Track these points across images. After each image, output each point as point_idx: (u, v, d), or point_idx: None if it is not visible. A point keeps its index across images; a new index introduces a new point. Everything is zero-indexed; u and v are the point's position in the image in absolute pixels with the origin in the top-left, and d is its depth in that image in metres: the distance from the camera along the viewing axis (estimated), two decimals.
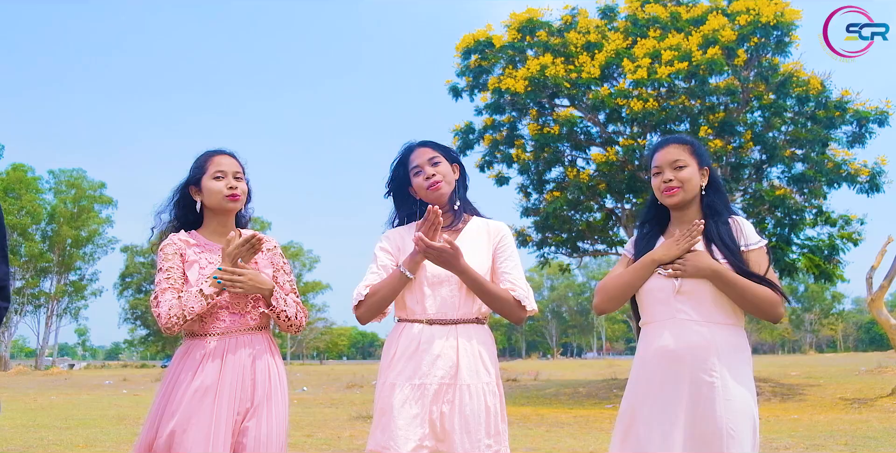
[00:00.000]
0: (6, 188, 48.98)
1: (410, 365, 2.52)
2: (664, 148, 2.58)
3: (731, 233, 2.51)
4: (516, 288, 2.62)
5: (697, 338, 2.38)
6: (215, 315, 2.55)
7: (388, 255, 2.69)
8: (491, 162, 16.98)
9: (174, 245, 2.62)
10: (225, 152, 2.71)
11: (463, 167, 2.79)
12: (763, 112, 15.80)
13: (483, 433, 2.47)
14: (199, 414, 2.40)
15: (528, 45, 16.31)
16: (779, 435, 8.38)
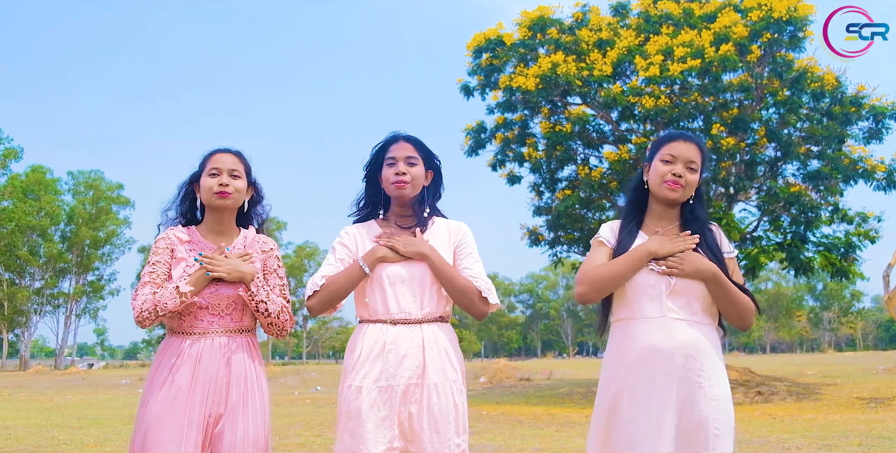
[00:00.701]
0: (26, 189, 49.51)
1: (376, 367, 2.49)
2: (688, 142, 2.51)
3: (715, 239, 2.54)
4: (478, 280, 2.61)
5: (687, 337, 2.37)
6: (194, 314, 2.54)
7: (346, 250, 2.66)
8: (503, 161, 16.93)
9: (166, 239, 2.63)
10: (226, 150, 2.70)
11: (439, 175, 2.76)
12: (778, 108, 15.63)
13: (452, 431, 2.47)
14: (171, 415, 2.39)
15: (540, 43, 16.25)
16: (791, 436, 8.27)
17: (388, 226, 2.69)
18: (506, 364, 24.28)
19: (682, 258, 2.41)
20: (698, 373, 2.34)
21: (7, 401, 15.68)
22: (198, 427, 2.40)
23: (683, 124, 15.62)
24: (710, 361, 2.37)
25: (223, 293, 2.55)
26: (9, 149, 46.05)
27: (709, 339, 2.40)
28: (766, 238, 16.04)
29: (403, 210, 2.70)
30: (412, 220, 2.68)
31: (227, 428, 2.43)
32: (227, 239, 2.68)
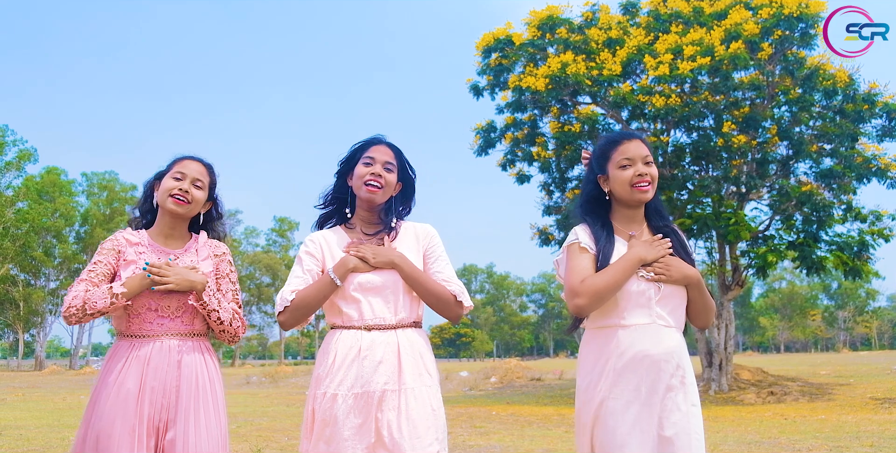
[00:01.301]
0: (40, 191, 49.95)
1: (351, 374, 2.45)
2: (634, 141, 2.48)
3: (682, 239, 2.55)
4: (451, 284, 2.60)
5: (673, 344, 2.37)
6: (143, 317, 2.51)
7: (314, 259, 2.61)
8: (512, 160, 16.90)
9: (114, 241, 2.61)
10: (196, 159, 2.69)
11: (409, 187, 2.73)
12: (790, 106, 15.52)
13: (432, 437, 2.44)
14: (123, 420, 2.36)
15: (549, 42, 16.20)
16: (803, 437, 8.21)
17: (354, 233, 2.66)
18: (517, 363, 24.22)
19: (668, 264, 2.38)
20: (682, 380, 2.36)
21: (21, 401, 15.80)
22: (148, 432, 2.37)
23: (694, 123, 15.55)
24: (688, 367, 2.41)
25: (173, 295, 2.52)
26: (23, 151, 46.51)
27: (683, 343, 2.44)
28: (778, 237, 15.92)
29: (370, 216, 2.66)
30: (378, 227, 2.65)
31: (180, 437, 2.39)
32: (176, 243, 2.65)
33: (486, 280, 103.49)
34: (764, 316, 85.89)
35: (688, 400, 2.34)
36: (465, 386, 21.53)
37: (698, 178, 15.80)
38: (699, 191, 15.45)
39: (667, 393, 2.32)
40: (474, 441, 8.17)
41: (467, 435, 8.83)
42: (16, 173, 47.03)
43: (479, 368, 25.61)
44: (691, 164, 16.27)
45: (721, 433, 8.68)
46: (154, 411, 2.39)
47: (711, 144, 14.97)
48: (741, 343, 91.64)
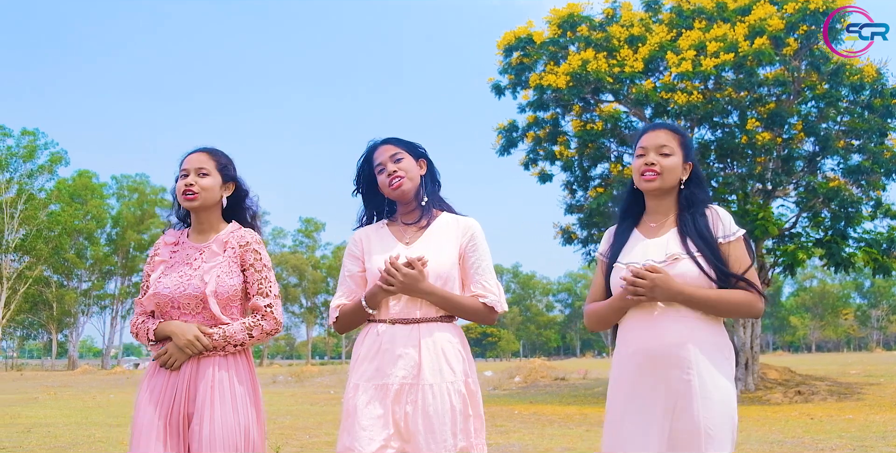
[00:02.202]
0: (73, 194, 50.83)
1: (373, 366, 2.51)
2: (654, 131, 2.48)
3: (707, 224, 2.41)
4: (487, 293, 2.61)
5: (675, 335, 2.29)
6: (168, 314, 2.60)
7: (355, 262, 2.69)
8: (535, 159, 16.86)
9: (155, 246, 2.73)
10: (195, 150, 2.71)
11: (430, 162, 2.75)
12: (816, 102, 15.30)
13: (448, 433, 2.44)
14: (149, 414, 2.48)
15: (570, 40, 16.13)
16: (828, 436, 8.10)
17: (395, 225, 2.70)
18: (541, 363, 24.15)
19: (654, 283, 2.27)
20: (687, 373, 2.26)
21: (52, 400, 16.11)
22: (173, 424, 2.47)
23: (718, 119, 15.40)
24: (702, 359, 2.27)
25: (190, 294, 2.56)
26: (55, 154, 47.32)
27: (702, 335, 2.30)
28: (806, 234, 15.71)
29: (407, 206, 2.70)
30: (416, 214, 2.68)
31: (196, 428, 2.46)
32: (206, 236, 2.69)
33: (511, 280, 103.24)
34: (795, 315, 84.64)
35: (699, 393, 2.23)
36: (489, 385, 21.52)
37: (723, 176, 15.64)
38: (723, 189, 15.29)
39: (670, 387, 2.26)
40: (493, 440, 8.17)
41: (488, 433, 8.76)
42: (48, 176, 47.94)
43: (504, 368, 25.59)
44: (716, 162, 16.11)
45: (744, 432, 8.59)
46: (176, 405, 2.48)
47: (735, 141, 14.81)
48: (771, 342, 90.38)
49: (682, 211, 2.46)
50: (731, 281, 2.34)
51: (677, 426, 2.24)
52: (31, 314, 53.60)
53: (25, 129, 46.27)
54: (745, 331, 15.56)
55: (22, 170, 46.27)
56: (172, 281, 2.58)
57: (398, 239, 2.66)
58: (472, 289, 2.63)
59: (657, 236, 2.46)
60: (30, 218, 45.94)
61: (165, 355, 2.52)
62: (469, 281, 2.64)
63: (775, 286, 79.79)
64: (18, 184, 46.06)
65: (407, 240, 2.65)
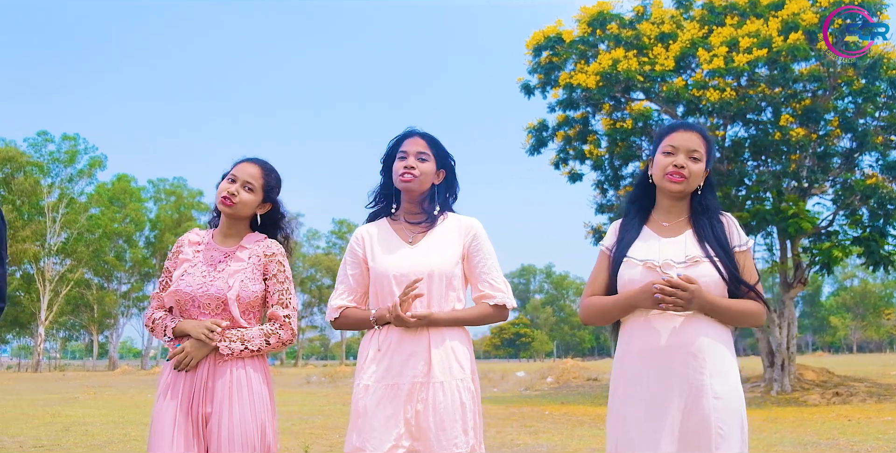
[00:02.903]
0: (112, 198, 51.87)
1: (382, 366, 2.53)
2: (688, 132, 2.45)
3: (723, 230, 2.43)
4: (496, 292, 2.64)
5: (689, 335, 2.29)
6: (189, 313, 2.64)
7: (356, 261, 2.71)
8: (565, 159, 16.79)
9: (178, 243, 2.78)
10: (253, 161, 2.76)
11: (452, 175, 2.78)
12: (853, 97, 14.99)
13: (459, 430, 2.47)
14: (168, 413, 2.52)
15: (600, 38, 16.03)
16: (864, 438, 7.94)
17: (398, 224, 2.73)
18: (574, 364, 24.03)
19: (692, 294, 2.23)
20: (700, 371, 2.25)
21: (92, 399, 16.45)
22: (194, 423, 2.51)
23: (751, 117, 15.18)
24: (714, 358, 2.28)
25: (213, 294, 2.61)
26: (94, 159, 48.37)
27: (714, 335, 2.30)
28: (843, 232, 15.40)
29: (412, 206, 2.73)
30: (421, 217, 2.70)
31: (214, 426, 2.51)
32: (232, 241, 2.75)
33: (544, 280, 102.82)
34: (835, 315, 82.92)
35: (710, 392, 2.23)
36: (521, 386, 21.47)
37: (757, 174, 15.40)
38: (757, 187, 15.06)
39: (682, 386, 2.25)
40: (523, 440, 8.17)
41: (517, 434, 8.82)
42: (88, 180, 49.02)
43: (537, 368, 25.50)
44: (750, 160, 15.87)
45: (778, 434, 8.46)
46: (196, 403, 2.53)
47: (769, 138, 14.57)
48: (811, 343, 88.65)
49: (697, 214, 2.46)
50: (741, 289, 2.35)
51: (689, 425, 2.23)
52: (73, 316, 54.81)
53: (66, 134, 47.43)
54: (781, 331, 15.30)
55: (63, 174, 47.44)
56: (195, 280, 2.63)
57: (402, 238, 2.69)
58: (480, 288, 2.66)
59: (672, 236, 2.44)
60: (71, 221, 47.02)
61: (182, 354, 2.55)
62: (476, 280, 2.67)
63: (814, 286, 78.35)
64: (60, 189, 47.19)
65: (411, 240, 2.68)
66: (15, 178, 43.97)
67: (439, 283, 2.59)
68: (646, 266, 2.36)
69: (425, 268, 2.59)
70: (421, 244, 2.66)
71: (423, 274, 2.57)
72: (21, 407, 13.36)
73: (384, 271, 2.61)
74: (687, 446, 2.23)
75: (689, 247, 2.38)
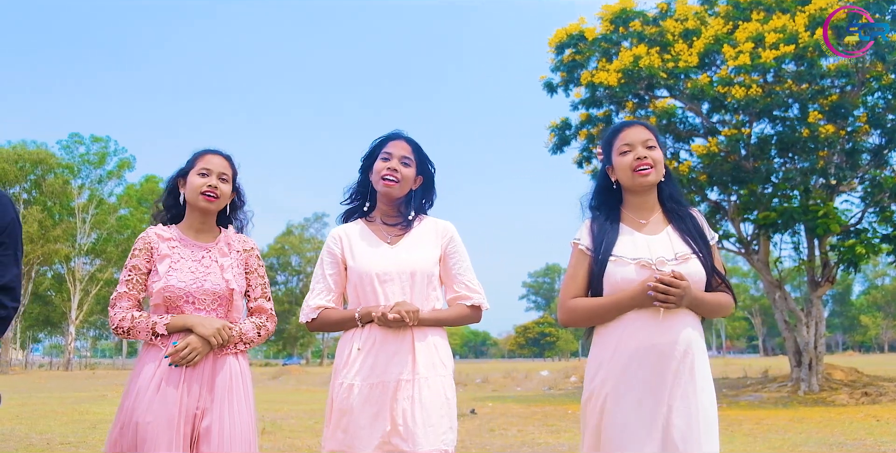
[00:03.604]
0: (140, 198, 52.51)
1: (367, 364, 2.53)
2: (632, 127, 2.49)
3: (697, 224, 2.46)
4: (472, 293, 2.68)
5: (683, 333, 2.31)
6: (181, 309, 2.60)
7: (334, 261, 2.70)
8: (588, 157, 16.71)
9: (145, 239, 2.69)
10: (218, 153, 2.77)
11: (430, 182, 2.79)
12: (883, 93, 14.74)
13: (446, 426, 2.50)
14: (163, 409, 2.45)
15: (623, 36, 15.91)
16: (892, 438, 7.82)
17: (375, 225, 2.74)
18: None
19: (684, 291, 2.25)
20: (691, 368, 2.28)
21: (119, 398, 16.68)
22: (186, 420, 2.47)
23: (778, 113, 14.97)
24: (700, 355, 2.33)
25: (209, 289, 2.61)
26: (123, 160, 49.08)
27: (698, 330, 2.35)
28: (872, 230, 15.14)
29: (389, 208, 2.74)
30: (398, 220, 2.72)
31: (215, 423, 2.49)
32: (206, 236, 2.74)
33: None
34: (866, 314, 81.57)
35: (699, 389, 2.27)
36: (544, 385, 21.41)
37: (784, 171, 15.20)
38: (784, 185, 14.87)
39: (676, 384, 2.25)
40: (543, 439, 8.15)
41: (538, 433, 8.81)
42: (117, 182, 49.71)
43: (561, 368, 25.40)
44: (776, 157, 15.67)
45: (804, 434, 8.35)
46: (192, 400, 2.50)
47: (797, 135, 14.37)
48: (841, 342, 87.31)
49: (670, 210, 2.47)
50: (714, 282, 2.39)
51: (677, 420, 2.23)
52: (103, 315, 55.53)
53: (96, 136, 48.12)
54: (809, 330, 15.09)
55: (93, 175, 48.13)
56: (185, 275, 2.60)
57: (380, 238, 2.69)
58: (456, 289, 2.69)
59: (655, 233, 2.44)
60: (100, 222, 47.73)
61: (186, 349, 2.50)
62: (452, 281, 2.69)
63: (844, 284, 77.15)
64: (90, 190, 47.91)
65: (389, 240, 2.69)
66: (46, 180, 44.70)
67: (421, 283, 2.61)
68: (639, 264, 2.35)
69: (407, 268, 2.60)
70: (401, 244, 2.68)
71: (405, 273, 2.60)
72: (51, 405, 13.60)
73: (366, 270, 2.61)
74: (675, 440, 2.22)
75: (675, 244, 2.40)
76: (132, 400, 2.51)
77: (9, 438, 8.16)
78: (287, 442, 7.75)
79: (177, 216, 2.80)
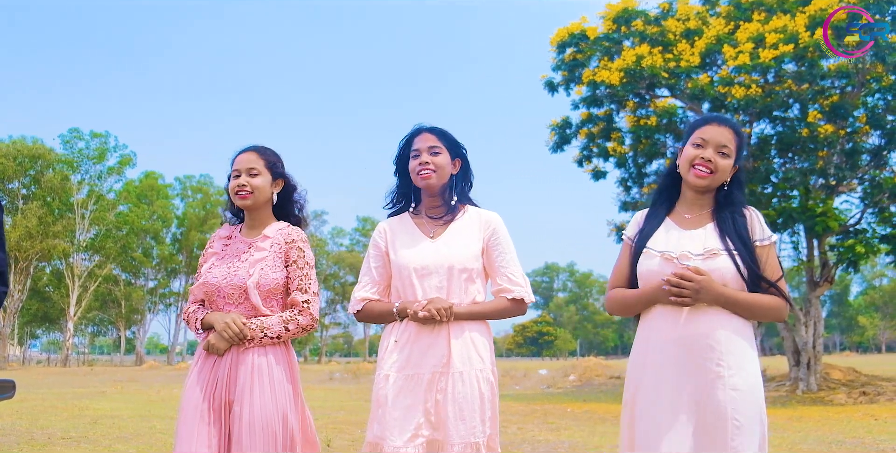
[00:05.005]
0: (140, 195, 52.48)
1: (403, 356, 2.57)
2: (721, 126, 2.42)
3: (745, 224, 2.41)
4: (514, 286, 2.67)
5: (706, 326, 2.29)
6: (216, 303, 2.71)
7: (379, 254, 2.75)
8: (588, 156, 16.74)
9: (211, 239, 2.86)
10: (246, 150, 2.81)
11: (466, 163, 2.80)
12: (882, 94, 14.78)
13: (478, 419, 2.50)
14: (194, 400, 2.59)
15: (624, 35, 15.92)
16: (890, 437, 7.86)
17: (420, 218, 2.77)
18: (596, 362, 23.96)
19: (699, 284, 2.26)
20: (717, 363, 2.25)
21: (119, 393, 16.71)
22: (216, 408, 2.57)
23: (778, 113, 15.01)
24: (731, 350, 2.27)
25: (235, 284, 2.66)
26: (124, 156, 49.01)
27: (731, 327, 2.30)
28: (872, 231, 15.18)
29: (433, 200, 2.76)
30: (442, 210, 2.74)
31: (237, 411, 2.56)
32: (256, 232, 2.80)
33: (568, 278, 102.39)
34: (863, 314, 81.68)
35: (727, 384, 2.23)
36: (543, 383, 21.45)
37: (784, 171, 15.24)
38: (784, 185, 14.91)
39: (699, 378, 2.26)
40: (544, 436, 8.18)
41: (538, 430, 8.84)
42: (117, 178, 49.67)
43: (560, 367, 25.45)
44: (776, 157, 15.71)
45: (802, 432, 8.39)
46: (218, 390, 2.59)
47: (796, 135, 14.41)
48: (839, 343, 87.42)
49: (720, 208, 2.45)
50: (761, 285, 2.34)
51: (704, 417, 2.23)
52: (101, 311, 55.62)
53: (95, 132, 48.04)
54: (808, 330, 15.13)
55: (92, 171, 48.06)
56: (221, 271, 2.70)
57: (423, 232, 2.72)
58: (499, 282, 2.69)
59: (693, 229, 2.43)
60: (99, 218, 47.68)
61: (210, 345, 2.64)
62: (495, 273, 2.70)
63: (842, 285, 77.25)
64: (89, 186, 47.85)
65: (432, 234, 2.71)
66: (45, 176, 44.65)
67: (459, 277, 2.62)
68: (663, 257, 2.36)
69: (445, 262, 2.63)
70: (441, 238, 2.69)
71: (442, 267, 2.61)
72: (50, 401, 13.61)
73: (405, 264, 2.65)
74: (703, 439, 2.22)
75: (708, 240, 2.38)
76: (183, 391, 2.69)
77: (10, 433, 8.18)
78: None
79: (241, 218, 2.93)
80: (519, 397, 16.08)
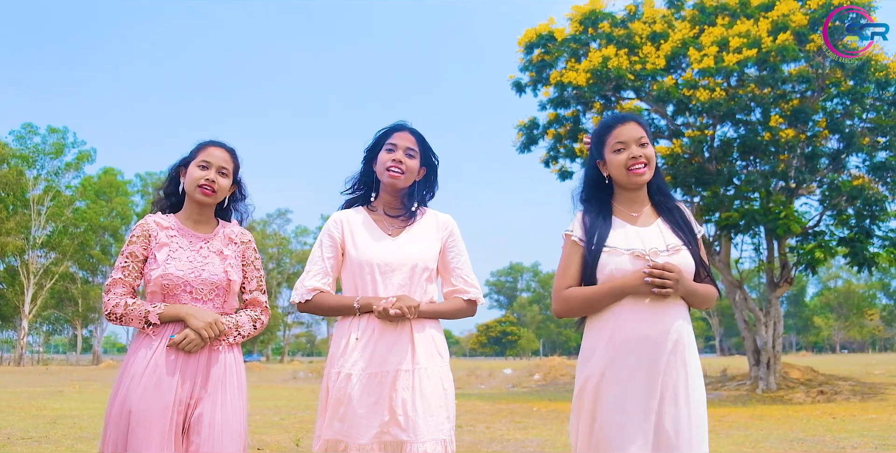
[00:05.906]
0: (98, 191, 51.46)
1: (366, 354, 2.53)
2: (626, 123, 2.48)
3: (685, 217, 2.51)
4: (469, 288, 2.71)
5: (674, 323, 2.35)
6: (178, 298, 2.58)
7: (333, 245, 2.70)
8: (555, 157, 16.84)
9: (143, 226, 2.66)
10: (220, 145, 2.73)
11: (432, 172, 2.80)
12: (841, 99, 15.12)
13: (444, 416, 2.52)
14: (157, 398, 2.43)
15: (592, 37, 16.06)
16: (849, 435, 8.03)
17: (377, 215, 2.74)
18: (560, 361, 24.12)
19: (679, 280, 2.32)
20: (683, 358, 2.32)
21: (77, 393, 16.35)
22: (178, 409, 2.46)
23: (740, 116, 15.26)
24: (690, 345, 2.37)
25: (207, 279, 2.59)
26: (83, 152, 48.01)
27: (688, 322, 2.40)
28: (830, 233, 15.53)
29: (393, 200, 2.75)
30: (401, 211, 2.73)
31: (207, 412, 2.47)
32: (205, 228, 2.72)
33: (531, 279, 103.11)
34: (819, 315, 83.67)
35: (690, 383, 2.32)
36: (508, 383, 21.53)
37: (745, 174, 15.50)
38: (745, 187, 15.17)
39: (668, 374, 2.29)
40: (512, 435, 8.20)
41: (506, 429, 8.86)
42: (74, 174, 48.63)
43: (524, 366, 25.57)
44: (738, 160, 15.97)
45: (764, 430, 8.54)
46: (185, 390, 2.48)
47: (758, 139, 14.67)
48: (795, 343, 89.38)
49: (658, 203, 2.52)
50: (701, 274, 2.44)
51: (670, 410, 2.28)
52: (57, 309, 54.37)
53: (52, 127, 46.99)
54: (767, 330, 15.42)
55: (49, 167, 47.00)
56: (184, 264, 2.58)
57: (382, 229, 2.70)
58: (454, 283, 2.71)
59: (645, 226, 2.48)
60: (56, 214, 46.64)
61: (185, 341, 2.49)
62: (450, 274, 2.72)
63: (798, 286, 78.95)
64: (46, 181, 46.77)
65: (391, 232, 2.69)
66: None
67: (420, 276, 2.63)
68: (633, 254, 2.38)
69: (408, 260, 2.62)
70: (402, 236, 2.69)
71: (406, 265, 2.60)
72: (6, 400, 13.27)
73: (367, 260, 2.61)
74: (667, 430, 2.27)
75: (666, 236, 2.44)
76: (125, 388, 2.47)
77: None
78: (256, 437, 7.67)
79: (176, 204, 2.77)
80: (485, 396, 16.11)
